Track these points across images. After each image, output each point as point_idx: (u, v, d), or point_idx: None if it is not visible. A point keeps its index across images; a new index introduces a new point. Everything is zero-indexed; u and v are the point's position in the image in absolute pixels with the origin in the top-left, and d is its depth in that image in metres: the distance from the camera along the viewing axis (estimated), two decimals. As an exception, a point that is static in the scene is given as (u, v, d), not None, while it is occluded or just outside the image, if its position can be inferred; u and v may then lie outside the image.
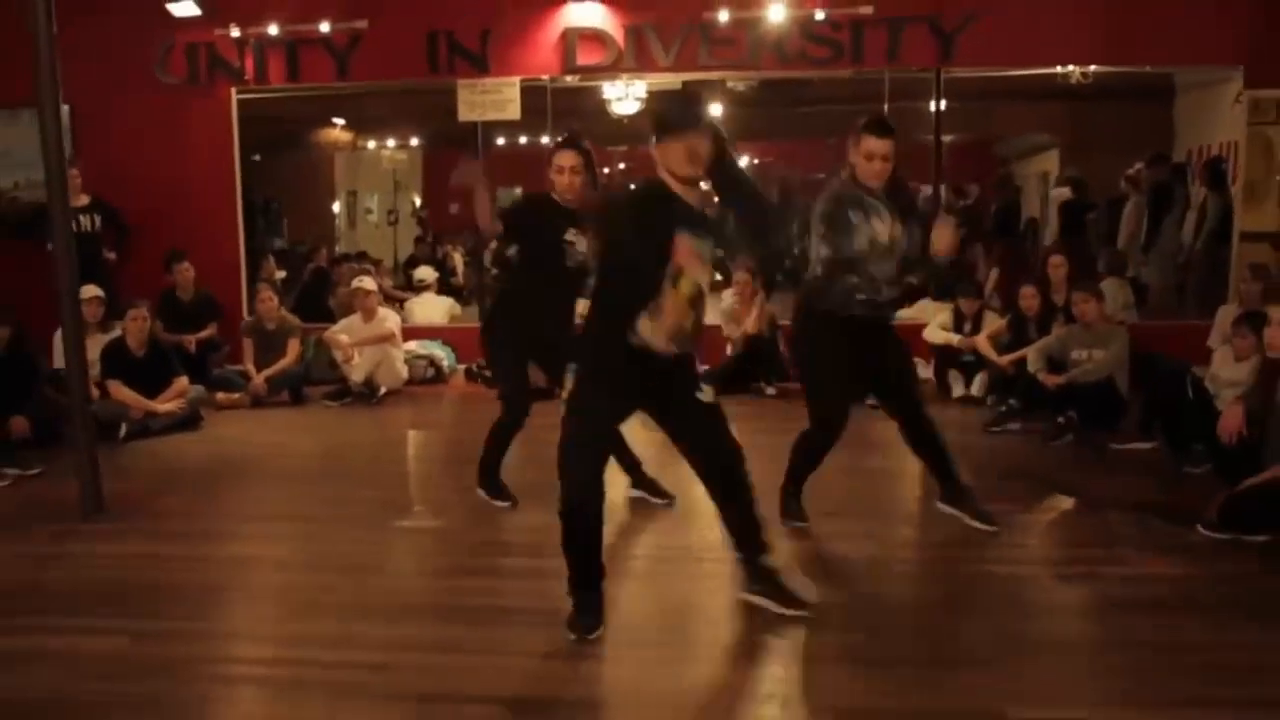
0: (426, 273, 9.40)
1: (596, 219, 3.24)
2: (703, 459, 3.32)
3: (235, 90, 8.45)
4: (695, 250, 2.91)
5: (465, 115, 8.14)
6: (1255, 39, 7.60)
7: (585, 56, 8.08)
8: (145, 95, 8.40)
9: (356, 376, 7.32)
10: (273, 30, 8.19)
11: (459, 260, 12.46)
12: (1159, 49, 7.77)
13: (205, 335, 7.76)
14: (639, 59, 8.06)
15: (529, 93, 8.21)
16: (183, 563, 4.06)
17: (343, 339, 7.42)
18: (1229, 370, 5.49)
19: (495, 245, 12.70)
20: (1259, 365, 4.64)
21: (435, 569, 4.04)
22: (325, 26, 8.15)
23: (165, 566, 4.00)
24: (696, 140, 2.98)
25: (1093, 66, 8.03)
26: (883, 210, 3.97)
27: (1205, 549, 4.03)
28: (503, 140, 12.12)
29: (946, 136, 8.53)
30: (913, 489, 5.24)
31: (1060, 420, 5.91)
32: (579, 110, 9.25)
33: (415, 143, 14.62)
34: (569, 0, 8.02)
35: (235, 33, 8.24)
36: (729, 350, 7.68)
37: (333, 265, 10.53)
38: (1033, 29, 7.72)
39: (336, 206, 14.09)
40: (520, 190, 7.80)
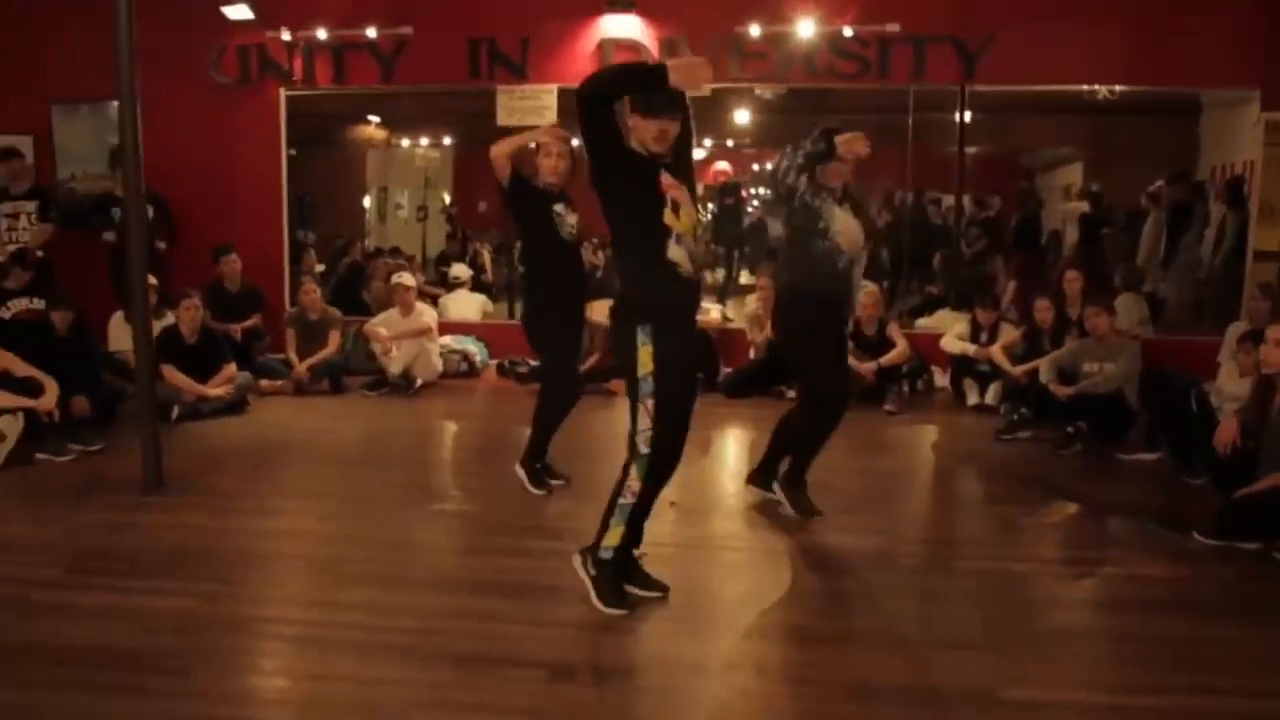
0: (461, 270, 9.70)
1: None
2: None
3: (284, 90, 8.79)
4: (677, 185, 3.35)
5: (504, 120, 8.43)
6: (1272, 62, 7.78)
7: (621, 66, 8.36)
8: (198, 93, 8.77)
9: (394, 368, 7.63)
10: (321, 34, 8.54)
11: (487, 257, 12.75)
12: (1177, 70, 7.97)
13: (250, 324, 8.09)
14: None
15: (564, 98, 8.50)
16: (238, 534, 4.37)
17: (382, 332, 7.74)
18: (1233, 385, 5.73)
19: (520, 244, 13.05)
20: (1256, 381, 4.85)
21: (471, 547, 4.34)
22: (372, 31, 8.49)
23: (223, 536, 4.31)
24: (669, 124, 3.34)
25: (1119, 86, 8.24)
26: (842, 205, 4.42)
27: (1199, 554, 4.26)
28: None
29: (970, 148, 8.74)
30: (924, 490, 5.51)
31: (1070, 430, 6.14)
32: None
33: (447, 142, 14.89)
34: (606, 11, 8.31)
35: (286, 36, 8.60)
36: (752, 354, 7.95)
37: (367, 260, 10.86)
38: (1054, 48, 7.93)
39: (367, 202, 14.38)
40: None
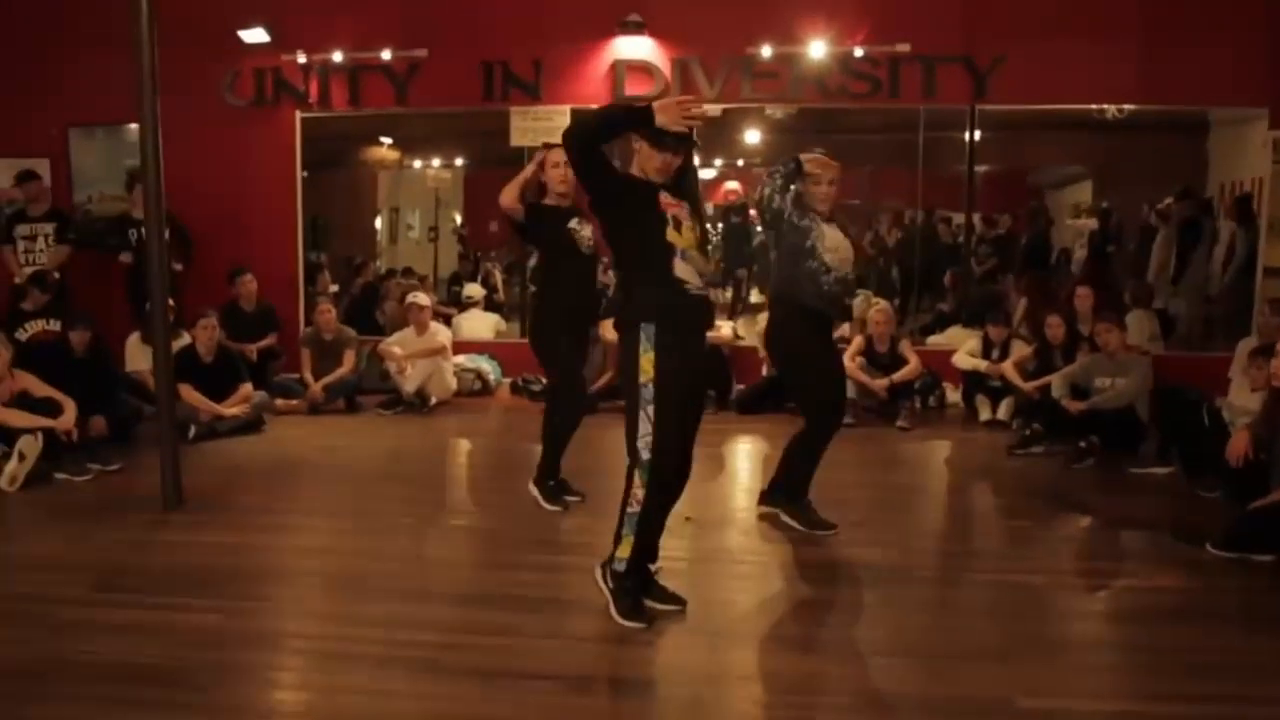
0: (475, 290, 9.79)
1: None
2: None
3: (299, 113, 8.90)
4: (677, 203, 3.45)
5: (518, 140, 8.52)
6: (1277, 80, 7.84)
7: (633, 87, 8.45)
8: (214, 116, 8.85)
9: (409, 387, 7.70)
10: (336, 57, 8.66)
11: (499, 277, 12.83)
12: (1186, 89, 8.02)
13: (266, 344, 8.16)
14: (685, 90, 8.39)
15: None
16: (258, 550, 4.42)
17: (396, 351, 7.81)
18: (1244, 399, 5.76)
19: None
20: (1267, 395, 4.88)
21: (488, 562, 4.38)
22: (386, 54, 8.60)
23: (244, 553, 4.36)
24: (674, 159, 3.44)
25: (1128, 106, 8.29)
26: (829, 227, 4.50)
27: (1213, 566, 4.28)
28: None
29: (979, 167, 8.80)
30: (937, 504, 5.54)
31: (1082, 445, 6.16)
32: (623, 136, 9.57)
33: (459, 162, 14.99)
34: (618, 33, 8.40)
35: (301, 59, 8.71)
36: (764, 371, 8.00)
37: (381, 280, 10.94)
38: (1063, 67, 7.99)
39: (379, 222, 14.48)
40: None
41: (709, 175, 15.04)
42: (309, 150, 9.13)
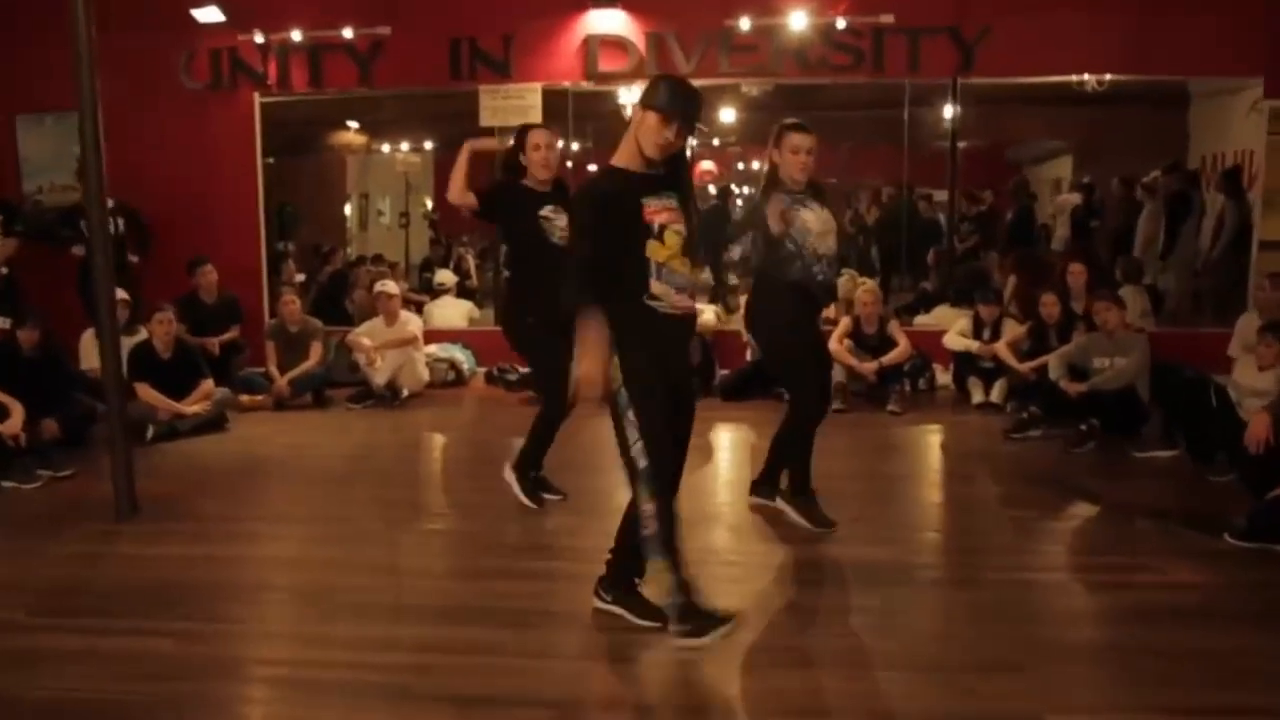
0: (446, 276, 9.45)
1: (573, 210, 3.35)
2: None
3: (258, 95, 8.52)
4: (662, 206, 3.14)
5: (487, 120, 8.18)
6: (1274, 49, 7.61)
7: (607, 63, 8.15)
8: (169, 100, 8.49)
9: (379, 379, 7.38)
10: (296, 36, 8.28)
11: (471, 262, 12.51)
12: (1178, 59, 7.77)
13: (228, 338, 7.81)
14: (660, 65, 8.10)
15: (549, 97, 8.27)
16: (219, 563, 4.11)
17: (365, 342, 7.48)
18: (1251, 379, 5.54)
19: (506, 249, 12.84)
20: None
21: (468, 571, 4.08)
22: (348, 32, 8.22)
23: (203, 567, 4.05)
24: (675, 133, 3.10)
25: (1108, 75, 8.05)
26: (809, 202, 4.24)
27: (1233, 558, 4.06)
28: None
29: (960, 143, 8.55)
30: (935, 495, 5.29)
31: (1083, 428, 5.94)
32: (597, 114, 9.29)
33: (428, 146, 14.65)
34: (590, 7, 8.08)
35: (259, 38, 8.32)
36: (749, 355, 7.73)
37: (350, 268, 10.58)
38: (1052, 38, 7.73)
39: (348, 209, 14.14)
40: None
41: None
42: (274, 135, 8.79)
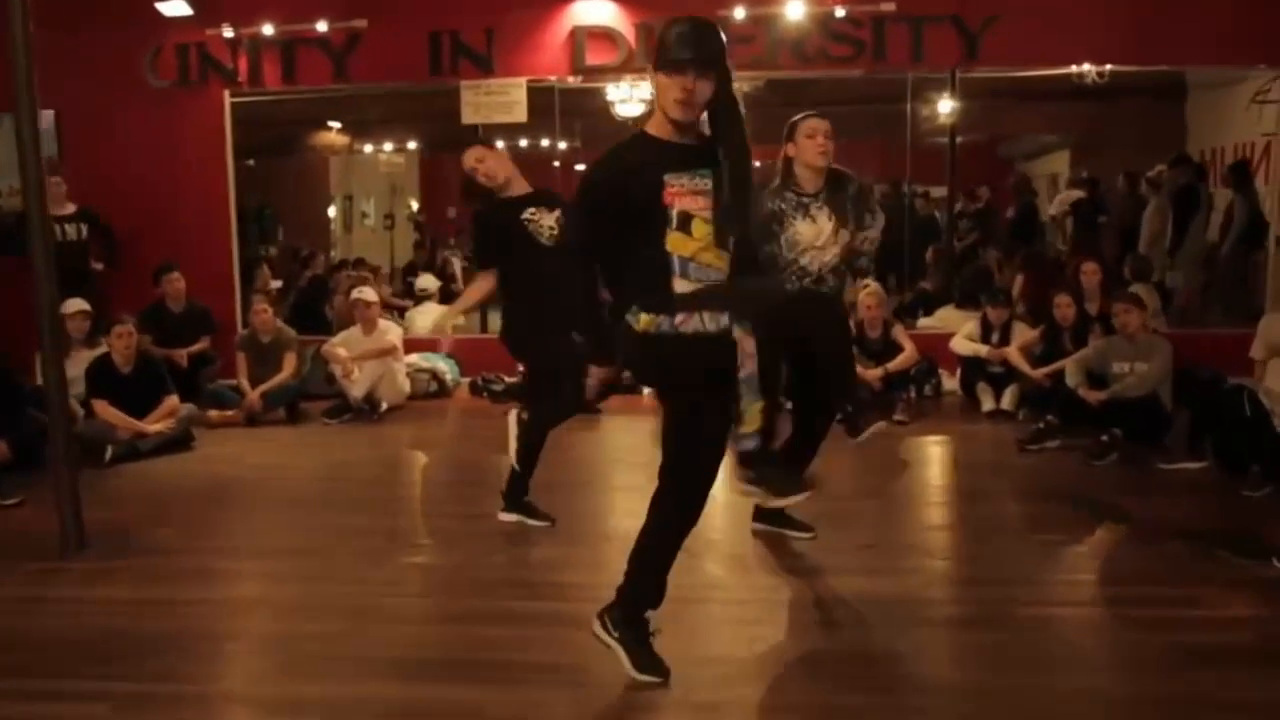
0: (429, 281, 9.06)
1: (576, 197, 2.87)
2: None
3: (228, 93, 8.12)
4: (692, 188, 2.68)
5: (469, 118, 7.80)
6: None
7: (595, 56, 7.77)
8: (134, 99, 8.08)
9: (356, 392, 6.98)
10: (267, 30, 7.88)
11: (458, 266, 12.13)
12: (1191, 47, 7.45)
13: (197, 349, 7.42)
14: (651, 58, 7.72)
15: (534, 93, 7.89)
16: (172, 608, 3.72)
17: (341, 353, 7.08)
18: (1285, 386, 5.18)
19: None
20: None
21: (447, 614, 3.69)
22: (322, 26, 7.82)
23: (153, 614, 3.65)
24: (692, 81, 2.63)
25: (1108, 66, 7.71)
26: (814, 210, 3.91)
27: (1282, 586, 3.73)
28: (502, 144, 11.76)
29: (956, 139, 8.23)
30: (951, 516, 4.93)
31: (1104, 439, 5.58)
32: (586, 111, 8.93)
33: (412, 146, 14.30)
34: (577, -3, 7.71)
35: (228, 33, 7.92)
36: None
37: (330, 272, 10.19)
38: (1058, 26, 7.39)
39: (332, 211, 13.78)
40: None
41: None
42: (254, 136, 8.43)
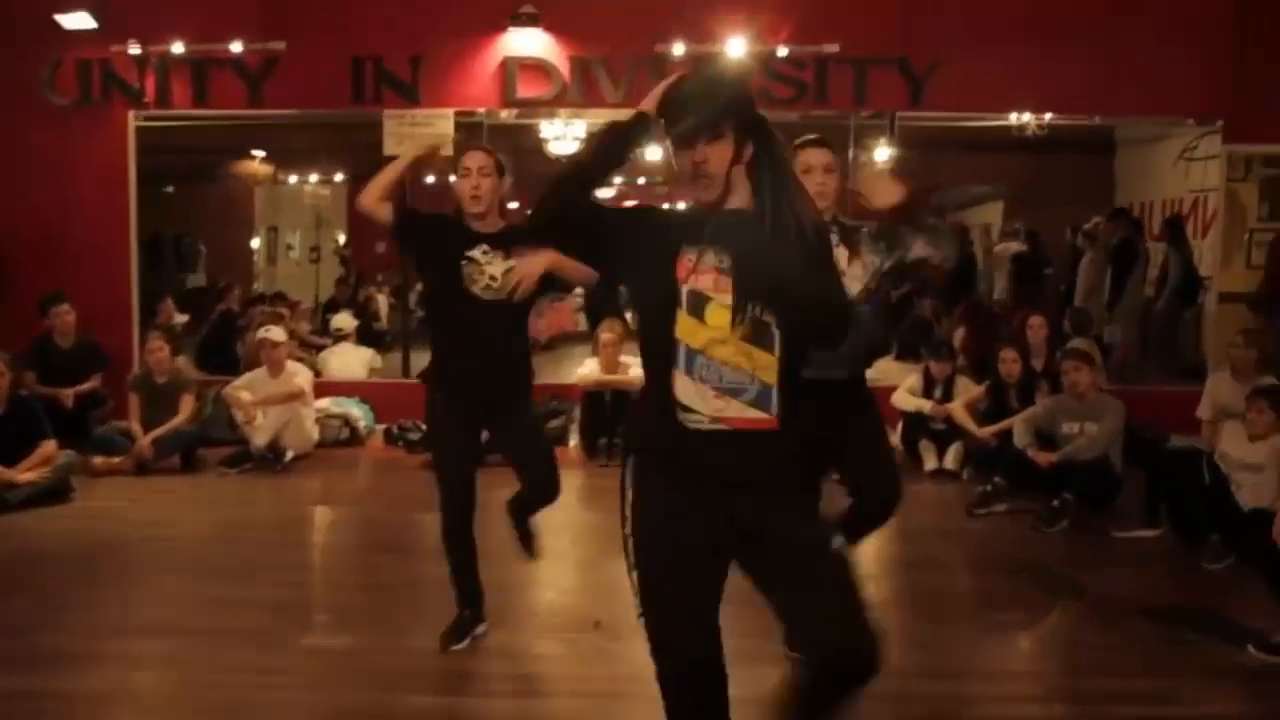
0: (345, 321, 8.53)
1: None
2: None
3: (133, 113, 7.58)
4: (710, 266, 2.07)
5: (392, 148, 7.36)
6: (1239, 93, 7.21)
7: (526, 88, 7.42)
8: (29, 116, 7.51)
9: (259, 439, 6.44)
10: (177, 48, 7.37)
11: (384, 303, 11.62)
12: (1137, 100, 7.37)
13: (87, 388, 6.84)
14: (585, 93, 7.41)
15: (462, 128, 7.49)
16: (9, 703, 3.18)
17: (244, 396, 6.53)
18: (1242, 450, 4.94)
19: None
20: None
21: (337, 712, 3.21)
22: (237, 47, 7.34)
23: (-5, 710, 3.13)
24: (703, 151, 2.06)
25: (1049, 115, 7.60)
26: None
27: (1266, 677, 3.45)
28: (432, 179, 11.36)
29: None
30: (896, 590, 4.56)
31: (1055, 504, 5.31)
32: (517, 148, 8.53)
33: (339, 178, 13.84)
34: (509, 26, 7.34)
35: (134, 49, 7.39)
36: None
37: (246, 307, 9.61)
38: (1006, 74, 7.25)
39: (255, 243, 13.24)
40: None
41: (607, 194, 14.17)
42: (171, 162, 7.95)
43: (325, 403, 7.20)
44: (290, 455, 6.53)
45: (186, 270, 11.98)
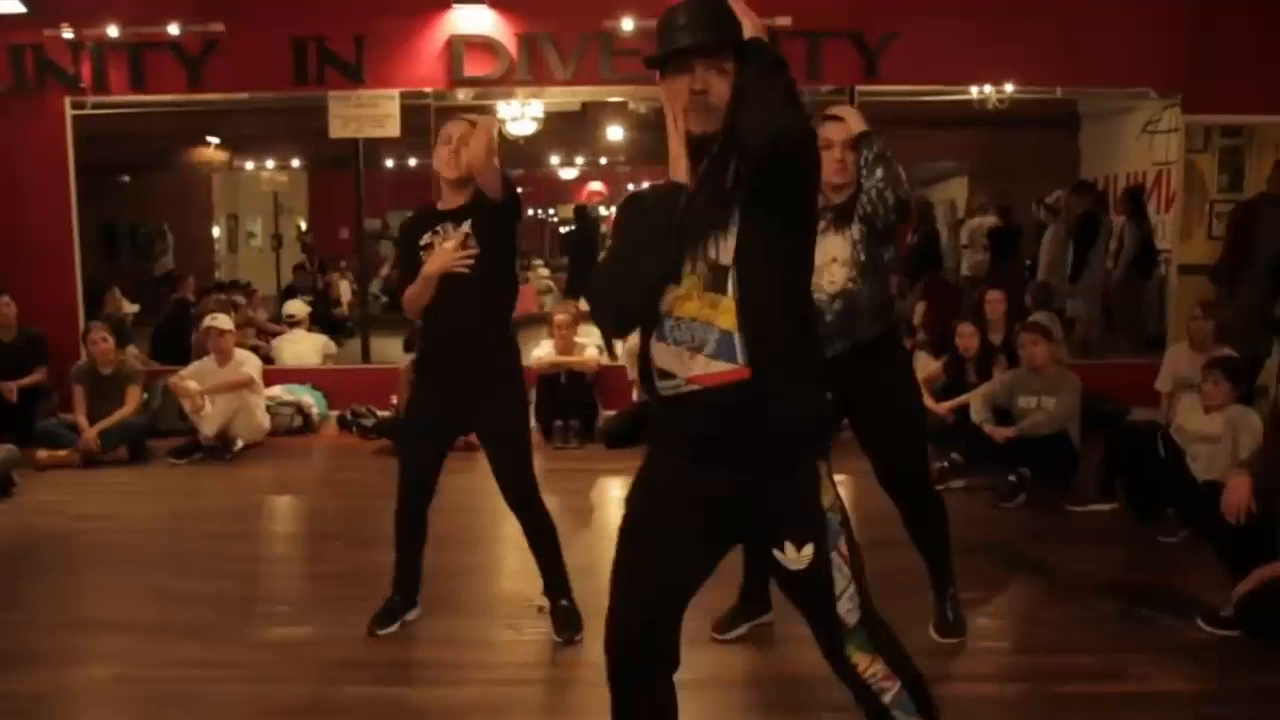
0: (297, 307, 8.37)
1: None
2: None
3: (70, 100, 7.38)
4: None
5: (338, 131, 7.22)
6: (1196, 64, 7.19)
7: (473, 67, 7.27)
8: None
9: (208, 429, 6.31)
10: (113, 32, 7.17)
11: (346, 288, 11.47)
12: (1095, 72, 7.33)
13: (29, 381, 6.69)
14: (534, 71, 7.28)
15: (409, 108, 7.34)
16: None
17: (191, 385, 6.39)
18: (1197, 423, 4.92)
19: (386, 271, 11.85)
20: (1269, 426, 4.02)
21: (285, 706, 3.11)
22: (174, 29, 7.15)
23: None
24: (701, 78, 1.93)
25: (1009, 87, 7.56)
26: (831, 230, 3.20)
27: (1212, 651, 3.43)
28: (391, 162, 11.21)
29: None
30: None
31: (1012, 479, 5.28)
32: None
33: (297, 164, 13.67)
34: (455, 5, 7.19)
35: (68, 34, 7.19)
36: (635, 395, 6.90)
37: (201, 296, 9.43)
38: (961, 46, 7.19)
39: (216, 231, 13.06)
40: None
41: (570, 175, 14.02)
42: (126, 150, 7.74)
43: (277, 390, 7.08)
44: (240, 444, 6.41)
45: (146, 260, 11.79)
